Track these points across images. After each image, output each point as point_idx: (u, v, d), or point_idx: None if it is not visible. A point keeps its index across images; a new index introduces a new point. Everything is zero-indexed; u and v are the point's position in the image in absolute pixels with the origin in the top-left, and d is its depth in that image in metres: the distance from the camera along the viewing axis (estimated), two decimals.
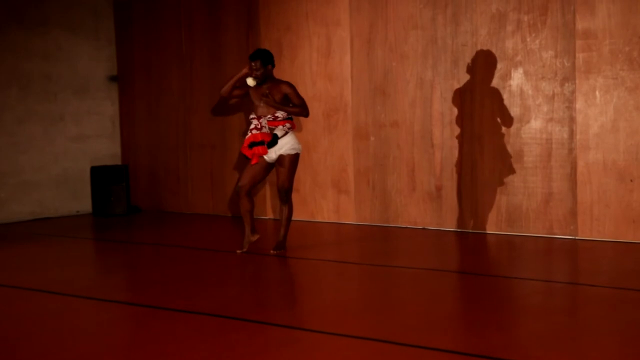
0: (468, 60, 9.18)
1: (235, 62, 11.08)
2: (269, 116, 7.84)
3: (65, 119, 11.88)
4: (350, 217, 10.26)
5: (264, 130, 7.80)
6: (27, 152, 11.43)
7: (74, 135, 11.99)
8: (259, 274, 7.30)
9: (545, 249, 8.30)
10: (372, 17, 9.88)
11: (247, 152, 7.88)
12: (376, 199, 10.01)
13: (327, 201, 10.45)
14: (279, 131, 7.87)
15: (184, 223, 10.98)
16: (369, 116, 9.99)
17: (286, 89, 7.88)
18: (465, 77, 9.21)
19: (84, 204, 12.10)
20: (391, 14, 9.73)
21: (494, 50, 9.00)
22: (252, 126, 7.85)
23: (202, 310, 5.91)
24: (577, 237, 8.61)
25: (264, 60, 7.81)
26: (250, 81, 7.85)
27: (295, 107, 7.92)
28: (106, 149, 12.44)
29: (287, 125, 7.92)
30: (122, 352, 5.10)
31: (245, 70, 7.93)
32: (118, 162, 12.55)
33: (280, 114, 7.85)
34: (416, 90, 9.59)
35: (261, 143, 7.77)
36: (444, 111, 9.39)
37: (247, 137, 7.86)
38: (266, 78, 7.88)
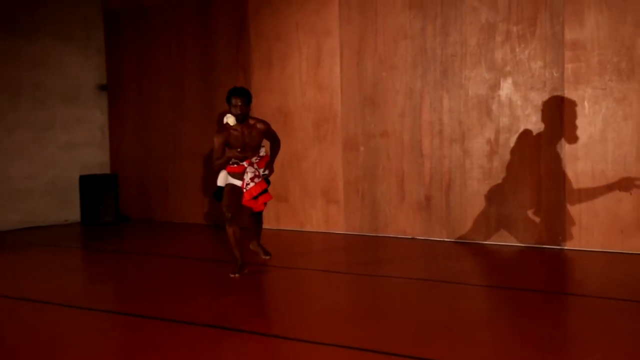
0: (457, 70, 9.21)
1: (226, 71, 11.09)
2: (256, 158, 7.50)
3: (54, 127, 11.85)
4: (339, 227, 10.26)
5: (257, 180, 7.44)
6: (16, 160, 11.39)
7: (63, 144, 11.96)
8: (248, 284, 7.29)
9: (534, 258, 8.31)
10: (362, 27, 9.90)
11: (253, 204, 7.50)
12: (365, 209, 10.02)
13: (316, 211, 10.45)
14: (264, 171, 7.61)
15: (174, 232, 10.96)
16: (359, 126, 10.00)
17: (264, 128, 7.52)
18: (454, 88, 9.24)
19: (73, 213, 12.06)
20: (381, 25, 9.75)
21: (483, 61, 9.03)
22: (252, 175, 7.42)
23: (191, 320, 5.90)
24: (565, 247, 8.63)
25: (248, 98, 7.35)
26: (232, 120, 7.40)
27: (275, 149, 7.72)
28: (95, 157, 12.41)
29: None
30: None
31: (236, 153, 7.39)
32: (107, 171, 12.52)
33: (263, 152, 7.61)
34: (405, 100, 9.61)
35: (265, 191, 7.49)
36: (433, 121, 9.41)
37: (249, 187, 7.38)
38: (246, 117, 7.40)
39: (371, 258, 8.76)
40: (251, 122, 7.45)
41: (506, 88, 8.91)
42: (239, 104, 7.28)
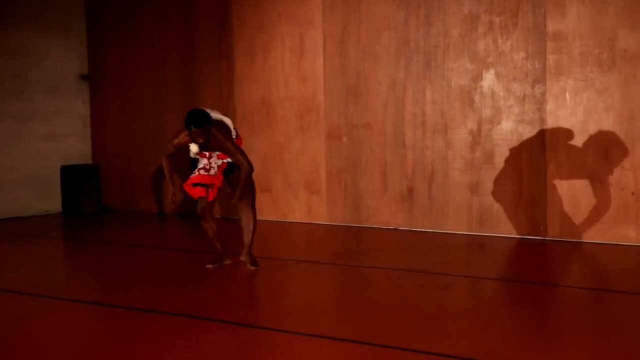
0: (440, 61, 9.22)
1: (208, 62, 11.06)
2: (218, 151, 7.17)
3: (35, 118, 11.77)
4: (322, 218, 10.26)
5: (212, 172, 7.17)
6: None
7: (44, 135, 11.88)
8: (230, 274, 7.28)
9: (515, 249, 8.35)
10: (345, 18, 9.89)
11: (190, 190, 7.24)
12: (348, 200, 10.03)
13: (299, 202, 10.44)
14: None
15: (155, 223, 10.93)
16: (342, 117, 10.00)
17: (225, 148, 7.06)
18: (437, 79, 9.25)
19: (54, 204, 11.99)
20: (364, 15, 9.75)
21: (465, 52, 9.05)
22: (201, 166, 7.18)
23: (173, 310, 5.89)
24: (547, 238, 8.67)
25: (209, 123, 6.88)
26: (195, 148, 6.99)
27: (243, 175, 7.10)
28: (77, 148, 12.34)
29: None
30: (93, 353, 5.07)
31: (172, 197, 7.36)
32: (89, 161, 12.46)
33: None
34: (388, 91, 9.61)
35: (206, 186, 7.16)
36: (416, 112, 9.42)
37: (193, 175, 7.20)
38: (208, 142, 6.99)
39: (354, 249, 8.77)
40: (212, 137, 6.97)
41: (488, 79, 8.93)
42: (201, 135, 6.86)
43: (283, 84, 10.44)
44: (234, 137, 7.29)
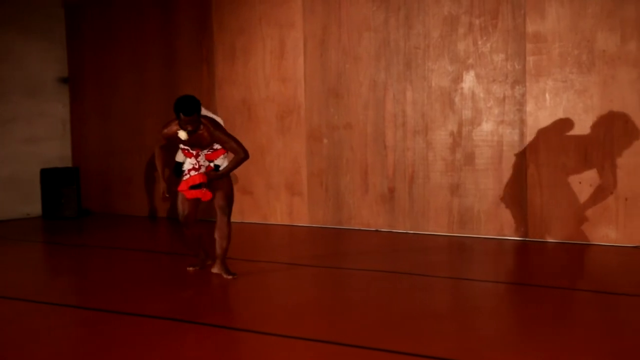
0: (420, 62, 9.23)
1: (189, 64, 11.03)
2: (206, 150, 6.99)
3: (15, 120, 11.72)
4: (303, 219, 10.26)
5: (202, 170, 6.97)
6: None
7: (24, 138, 11.83)
8: (211, 277, 7.25)
9: (496, 250, 8.37)
10: (326, 19, 9.90)
11: (187, 194, 7.00)
12: (329, 201, 10.03)
13: (280, 203, 10.43)
14: (219, 161, 7.32)
15: (136, 226, 10.88)
16: (323, 118, 10.00)
17: (216, 137, 6.83)
18: (417, 80, 9.26)
19: (34, 207, 11.93)
20: (344, 17, 9.75)
21: (446, 53, 9.07)
22: (190, 167, 6.97)
23: (154, 313, 5.87)
24: (527, 239, 8.70)
25: (199, 110, 6.63)
26: (184, 135, 6.71)
27: (235, 160, 6.91)
28: (57, 151, 12.29)
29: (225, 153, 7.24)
30: (73, 356, 5.04)
31: (165, 192, 7.11)
32: (69, 164, 12.41)
33: (218, 145, 6.96)
34: (369, 92, 9.62)
35: (199, 186, 6.94)
36: (397, 113, 9.43)
37: (185, 178, 6.99)
38: (197, 129, 6.75)
39: (335, 250, 8.77)
40: (203, 126, 6.77)
41: (469, 80, 8.95)
42: (189, 122, 6.61)
43: (264, 86, 10.43)
44: None
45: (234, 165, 6.95)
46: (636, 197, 8.10)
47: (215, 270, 7.24)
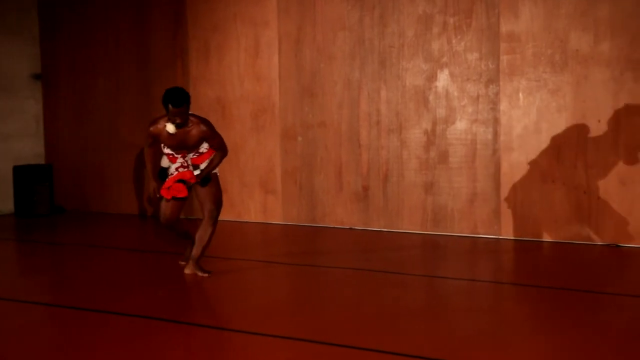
0: (395, 61, 9.26)
1: (163, 61, 10.99)
2: (192, 154, 6.93)
3: None
4: (277, 217, 10.25)
5: (190, 168, 6.92)
6: None
7: None
8: (185, 275, 7.22)
9: (469, 248, 8.41)
10: (300, 18, 9.89)
11: (166, 194, 6.87)
12: (303, 199, 10.03)
13: (254, 201, 10.42)
14: (204, 165, 7.05)
15: (110, 224, 10.83)
16: (297, 117, 10.00)
17: (204, 132, 6.77)
18: (392, 79, 9.29)
19: (6, 205, 11.83)
20: (319, 15, 9.76)
21: (420, 52, 9.10)
22: (178, 164, 6.89)
23: (128, 311, 5.84)
24: (500, 237, 8.75)
25: (188, 102, 6.54)
26: (172, 128, 6.58)
27: (216, 158, 6.94)
28: (29, 148, 12.19)
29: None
30: (46, 355, 5.00)
31: (155, 189, 7.04)
32: (42, 161, 12.32)
33: (203, 148, 6.94)
34: (344, 91, 9.63)
35: (184, 182, 6.84)
36: (371, 112, 9.45)
37: (172, 175, 6.90)
38: (186, 123, 6.67)
39: (309, 248, 8.77)
40: (190, 123, 6.71)
41: (443, 79, 8.99)
42: (178, 114, 6.50)
43: (238, 84, 10.41)
44: None
45: (217, 162, 6.95)
46: (608, 195, 8.17)
47: (188, 270, 7.16)
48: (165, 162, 7.09)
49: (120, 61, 11.51)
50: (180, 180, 6.84)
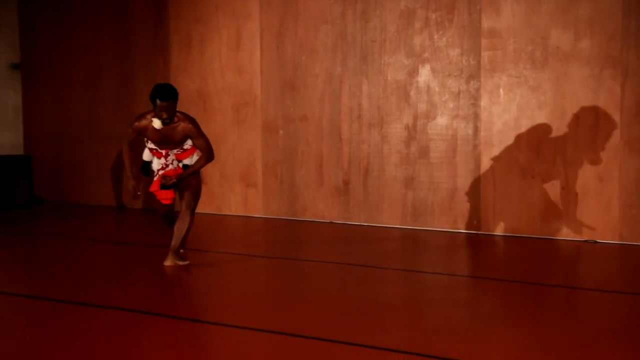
0: (377, 56, 9.27)
1: (144, 53, 10.95)
2: (176, 150, 6.91)
3: None
4: (258, 211, 10.25)
5: (171, 167, 6.91)
6: None
7: None
8: (164, 267, 7.21)
9: (449, 243, 8.45)
10: (283, 11, 9.89)
11: (160, 197, 7.00)
12: (284, 193, 10.03)
13: (235, 194, 10.42)
14: (188, 160, 7.04)
15: (88, 215, 10.78)
16: (278, 110, 10.00)
17: (189, 129, 6.78)
18: (373, 73, 9.30)
19: None
20: (301, 9, 9.75)
21: (402, 47, 9.12)
22: (159, 167, 6.91)
23: (107, 303, 5.82)
24: (480, 232, 8.80)
25: (175, 98, 6.60)
26: (158, 124, 6.61)
27: (201, 160, 6.90)
28: (8, 138, 12.11)
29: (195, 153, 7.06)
30: (23, 347, 4.98)
31: (134, 187, 6.99)
32: (20, 152, 12.24)
33: (187, 145, 6.92)
34: (325, 85, 9.64)
35: (169, 187, 6.89)
36: (353, 106, 9.47)
37: (156, 178, 6.93)
38: (172, 119, 6.67)
39: (289, 242, 8.78)
40: (177, 119, 6.72)
41: (424, 74, 9.02)
42: (165, 109, 6.52)
43: (220, 77, 10.39)
44: None
45: (199, 165, 6.93)
46: (587, 191, 8.23)
47: (168, 262, 7.13)
48: (147, 155, 7.09)
49: (101, 52, 11.45)
50: (164, 187, 6.89)
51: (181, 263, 7.13)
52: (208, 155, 6.92)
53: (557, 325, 5.29)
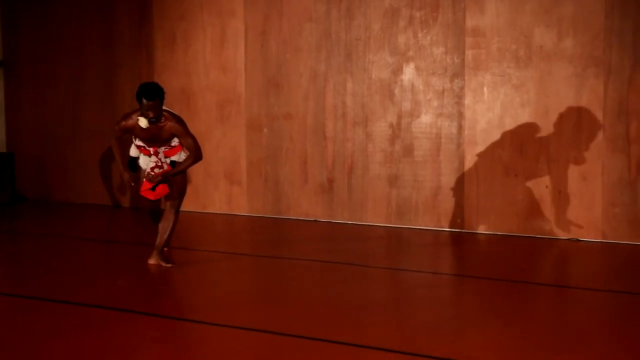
0: (361, 54, 9.28)
1: (128, 50, 10.91)
2: (164, 147, 6.88)
3: None
4: (242, 209, 10.24)
5: (165, 166, 6.90)
6: None
7: None
8: (148, 265, 7.20)
9: (433, 241, 8.47)
10: (267, 9, 9.87)
11: (150, 195, 6.93)
12: (268, 191, 10.03)
13: (219, 192, 10.40)
14: (176, 157, 7.01)
15: (72, 213, 10.74)
16: (263, 108, 9.99)
17: (175, 129, 6.75)
18: (358, 71, 9.31)
19: None
20: (286, 7, 9.74)
21: (386, 45, 9.13)
22: (153, 165, 6.87)
23: (89, 301, 5.81)
24: (463, 230, 8.83)
25: (162, 97, 6.58)
26: (144, 123, 6.55)
27: (188, 159, 6.88)
28: None
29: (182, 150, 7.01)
30: (3, 346, 4.96)
31: (128, 179, 7.07)
32: (3, 149, 12.17)
33: (175, 142, 6.87)
34: (309, 83, 9.64)
35: (157, 184, 6.87)
36: (337, 104, 9.47)
37: (145, 171, 6.92)
38: (159, 119, 6.65)
39: (274, 240, 8.78)
40: (164, 119, 6.70)
41: (408, 73, 9.03)
42: (152, 108, 6.50)
43: (204, 74, 10.37)
44: None
45: (186, 165, 6.92)
46: (570, 190, 8.27)
47: (152, 261, 7.14)
48: (134, 151, 7.08)
49: (84, 49, 11.40)
50: (152, 184, 6.90)
51: (165, 265, 7.10)
52: (196, 154, 6.88)
53: (541, 322, 5.33)
